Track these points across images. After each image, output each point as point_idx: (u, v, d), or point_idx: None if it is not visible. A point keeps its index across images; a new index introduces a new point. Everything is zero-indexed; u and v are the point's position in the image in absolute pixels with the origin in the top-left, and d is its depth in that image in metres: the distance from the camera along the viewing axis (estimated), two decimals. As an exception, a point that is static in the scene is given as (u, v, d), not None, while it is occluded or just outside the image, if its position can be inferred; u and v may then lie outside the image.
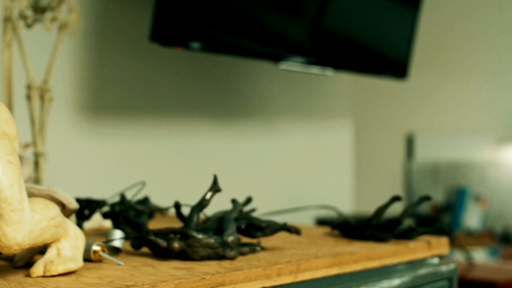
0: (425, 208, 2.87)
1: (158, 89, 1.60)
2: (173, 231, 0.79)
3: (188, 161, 1.67)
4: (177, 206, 0.85)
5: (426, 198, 0.95)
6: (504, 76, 2.63)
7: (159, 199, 1.28)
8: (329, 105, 2.11)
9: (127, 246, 0.87)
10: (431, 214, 2.76)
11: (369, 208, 2.41)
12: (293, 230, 0.86)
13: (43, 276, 0.68)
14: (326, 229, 1.06)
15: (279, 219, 1.03)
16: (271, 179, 1.85)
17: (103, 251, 0.76)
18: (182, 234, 0.79)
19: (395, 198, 0.92)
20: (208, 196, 0.81)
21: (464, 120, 2.79)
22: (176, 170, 1.64)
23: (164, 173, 1.61)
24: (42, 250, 0.73)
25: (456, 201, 2.80)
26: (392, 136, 2.75)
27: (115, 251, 0.81)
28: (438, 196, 2.90)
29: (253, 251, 0.82)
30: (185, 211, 0.87)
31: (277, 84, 1.85)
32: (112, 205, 0.97)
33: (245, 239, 0.87)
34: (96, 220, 1.06)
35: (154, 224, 1.04)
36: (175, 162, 1.65)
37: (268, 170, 1.85)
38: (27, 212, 0.65)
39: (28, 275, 0.69)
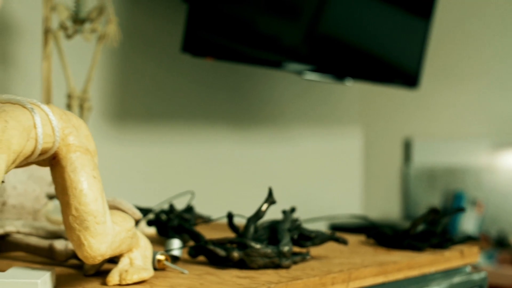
0: (421, 212, 2.93)
1: (179, 97, 1.63)
2: (231, 241, 0.83)
3: (207, 166, 1.70)
4: (230, 216, 0.89)
5: (461, 209, 0.99)
6: (500, 82, 2.69)
7: (179, 204, 1.31)
8: (340, 112, 2.16)
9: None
10: (428, 218, 2.81)
11: (371, 212, 2.46)
12: (341, 240, 0.90)
13: (119, 285, 0.71)
14: (360, 238, 1.10)
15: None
16: (284, 184, 1.88)
17: (166, 260, 0.80)
18: (240, 244, 0.82)
19: (433, 211, 0.97)
20: (264, 207, 0.84)
21: (461, 126, 2.84)
22: (195, 175, 1.68)
23: (185, 178, 1.64)
24: (110, 259, 0.77)
25: (453, 206, 2.86)
26: (390, 141, 2.80)
27: (174, 259, 0.84)
28: (435, 200, 2.96)
29: (303, 260, 0.86)
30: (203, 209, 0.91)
31: (291, 92, 1.89)
32: (158, 213, 1.00)
33: (294, 248, 0.91)
34: (138, 228, 1.09)
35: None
36: (195, 167, 1.68)
37: (282, 175, 1.89)
38: (109, 224, 0.68)
39: (104, 283, 0.72)
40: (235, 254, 0.81)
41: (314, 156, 2.02)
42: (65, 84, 1.25)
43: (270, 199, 0.85)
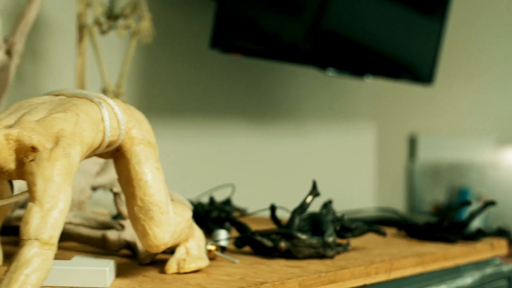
0: (426, 207, 2.96)
1: (200, 92, 1.65)
2: (278, 232, 0.86)
3: (226, 160, 1.72)
4: (273, 208, 0.91)
5: (491, 203, 1.02)
6: (504, 80, 2.72)
7: (203, 197, 1.33)
8: (355, 108, 2.18)
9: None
10: (433, 213, 2.85)
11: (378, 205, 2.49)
12: (380, 232, 0.92)
13: (177, 273, 0.74)
14: (390, 230, 1.13)
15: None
16: (301, 177, 1.91)
17: (216, 250, 0.82)
18: (286, 235, 0.85)
19: (489, 203, 0.99)
20: (308, 200, 0.87)
21: (465, 123, 2.87)
22: (214, 168, 1.70)
23: (204, 171, 1.67)
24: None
25: (458, 201, 2.89)
26: (395, 137, 2.83)
27: (222, 250, 0.87)
28: (440, 196, 2.99)
29: (345, 250, 0.89)
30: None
31: (307, 87, 1.92)
32: (196, 206, 1.02)
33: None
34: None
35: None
36: (214, 161, 1.71)
37: (299, 169, 1.92)
38: (171, 215, 0.70)
39: (162, 272, 0.74)
40: (283, 245, 0.84)
41: (330, 151, 2.05)
42: (95, 79, 1.27)
43: (314, 192, 0.88)
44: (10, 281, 0.54)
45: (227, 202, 1.04)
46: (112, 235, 0.82)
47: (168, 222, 0.70)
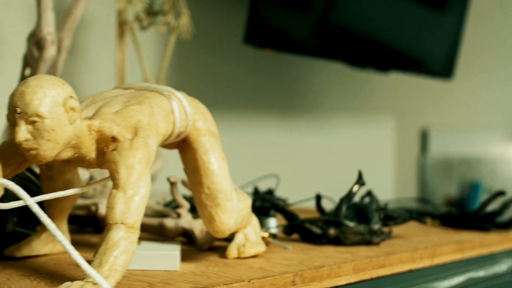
0: (438, 201, 3.00)
1: (229, 86, 1.69)
2: (327, 220, 0.89)
3: (251, 152, 1.76)
4: (318, 197, 0.95)
5: (501, 193, 1.05)
6: (514, 75, 2.76)
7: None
8: (375, 102, 2.22)
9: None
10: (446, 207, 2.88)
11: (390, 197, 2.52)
12: (421, 220, 0.96)
13: (238, 258, 0.78)
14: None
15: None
16: (323, 169, 1.95)
17: (269, 236, 0.86)
18: (334, 223, 0.89)
19: (499, 193, 1.03)
20: (355, 189, 0.91)
21: (477, 117, 2.91)
22: (240, 161, 1.74)
23: (231, 163, 1.70)
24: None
25: (469, 195, 2.93)
26: (407, 131, 2.87)
27: (272, 237, 0.90)
28: (451, 190, 3.03)
29: (388, 237, 0.93)
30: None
31: (330, 82, 1.95)
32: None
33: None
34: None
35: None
36: (240, 154, 1.74)
37: (321, 161, 1.96)
38: (235, 202, 0.74)
39: (223, 257, 0.78)
40: (332, 232, 0.88)
41: (351, 144, 2.09)
42: (134, 74, 1.31)
43: (360, 181, 0.91)
44: (101, 262, 0.58)
45: (269, 192, 1.08)
46: (169, 222, 0.86)
47: (233, 208, 0.73)
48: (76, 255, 0.56)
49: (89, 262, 0.58)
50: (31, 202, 0.58)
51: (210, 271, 0.70)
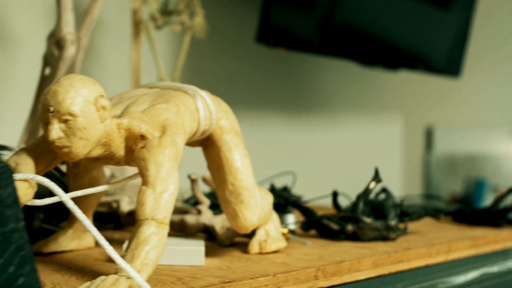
0: (442, 198, 3.01)
1: (240, 84, 1.70)
2: (344, 216, 0.91)
3: (260, 149, 1.77)
4: (335, 194, 0.97)
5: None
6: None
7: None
8: (383, 100, 2.24)
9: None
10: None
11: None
12: (436, 216, 0.98)
13: (260, 253, 0.79)
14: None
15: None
16: (332, 166, 1.97)
17: (289, 232, 0.88)
18: (351, 219, 0.90)
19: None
20: (372, 185, 0.92)
21: (481, 115, 2.92)
22: (251, 157, 1.75)
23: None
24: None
25: (474, 192, 2.95)
26: (412, 129, 2.88)
27: (291, 233, 0.92)
28: (456, 187, 3.05)
29: (404, 233, 0.94)
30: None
31: (338, 80, 1.97)
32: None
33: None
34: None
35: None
36: (250, 150, 1.76)
37: (330, 158, 1.97)
38: (258, 198, 0.76)
39: (245, 252, 0.80)
40: (350, 228, 0.89)
41: (360, 141, 2.10)
42: (148, 73, 1.32)
43: (376, 178, 0.93)
44: (133, 257, 0.59)
45: (285, 189, 1.09)
46: (190, 219, 0.88)
47: (256, 205, 0.75)
48: (111, 250, 0.58)
49: (121, 257, 0.60)
50: (66, 198, 0.59)
51: (235, 266, 0.71)
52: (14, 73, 1.24)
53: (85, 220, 0.59)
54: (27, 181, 0.61)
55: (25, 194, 0.61)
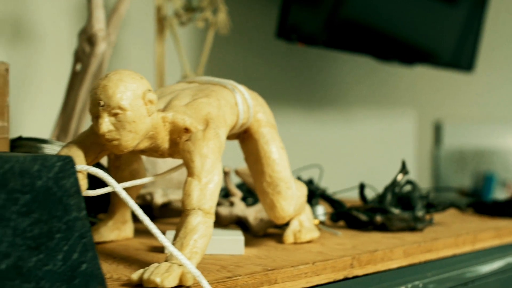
0: (452, 192, 3.03)
1: (257, 79, 1.72)
2: (373, 207, 0.93)
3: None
4: (362, 186, 0.99)
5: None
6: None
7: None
8: (396, 95, 2.26)
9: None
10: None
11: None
12: (462, 207, 1.00)
13: (294, 243, 0.82)
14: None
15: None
16: (347, 161, 1.99)
17: (320, 223, 0.90)
18: (380, 210, 0.93)
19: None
20: (399, 177, 0.95)
21: (489, 109, 2.94)
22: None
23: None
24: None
25: (483, 187, 2.97)
26: (421, 123, 2.90)
27: (321, 224, 0.94)
28: (465, 182, 3.07)
29: (430, 224, 0.96)
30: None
31: (353, 75, 1.99)
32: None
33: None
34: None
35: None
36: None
37: (345, 152, 1.99)
38: (294, 190, 0.78)
39: (279, 242, 0.82)
40: (378, 218, 0.92)
41: (374, 136, 2.13)
42: (172, 70, 1.34)
43: (404, 170, 0.95)
44: (182, 245, 0.62)
45: (310, 182, 1.11)
46: (223, 210, 0.90)
47: (292, 196, 0.77)
48: (163, 238, 0.60)
49: (171, 245, 0.62)
50: (119, 188, 0.62)
51: (273, 255, 0.74)
52: (44, 69, 1.26)
53: (138, 209, 0.61)
54: (81, 172, 0.64)
55: (81, 185, 0.63)
